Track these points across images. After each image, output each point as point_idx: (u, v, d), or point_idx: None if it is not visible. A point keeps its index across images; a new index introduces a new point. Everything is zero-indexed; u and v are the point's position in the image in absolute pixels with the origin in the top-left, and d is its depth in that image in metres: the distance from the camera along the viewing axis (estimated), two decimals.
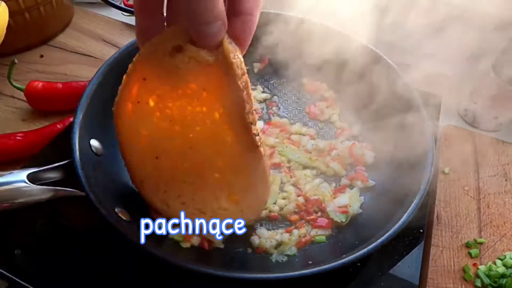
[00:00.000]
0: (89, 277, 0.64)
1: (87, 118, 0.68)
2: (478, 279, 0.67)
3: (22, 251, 0.65)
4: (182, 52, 0.47)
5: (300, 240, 0.67)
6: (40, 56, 1.06)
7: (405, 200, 0.62)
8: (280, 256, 0.65)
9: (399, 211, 0.61)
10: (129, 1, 1.18)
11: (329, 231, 0.69)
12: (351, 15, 0.83)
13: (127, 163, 0.61)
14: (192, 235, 0.65)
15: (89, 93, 0.70)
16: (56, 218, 0.69)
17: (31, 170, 0.61)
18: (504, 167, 0.83)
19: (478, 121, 0.98)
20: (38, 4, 1.02)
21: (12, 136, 0.81)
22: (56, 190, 0.60)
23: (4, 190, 0.58)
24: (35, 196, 0.59)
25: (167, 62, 0.48)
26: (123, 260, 0.66)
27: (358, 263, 0.65)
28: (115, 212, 0.60)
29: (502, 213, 0.76)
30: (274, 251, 0.66)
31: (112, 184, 0.66)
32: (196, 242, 0.65)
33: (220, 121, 0.53)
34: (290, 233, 0.68)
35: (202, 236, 0.65)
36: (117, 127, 0.57)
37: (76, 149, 0.62)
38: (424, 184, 0.63)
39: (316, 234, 0.68)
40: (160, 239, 0.64)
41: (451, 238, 0.72)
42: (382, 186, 0.74)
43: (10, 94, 0.96)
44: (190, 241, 0.65)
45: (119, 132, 0.58)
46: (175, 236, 0.65)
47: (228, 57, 0.46)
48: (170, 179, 0.61)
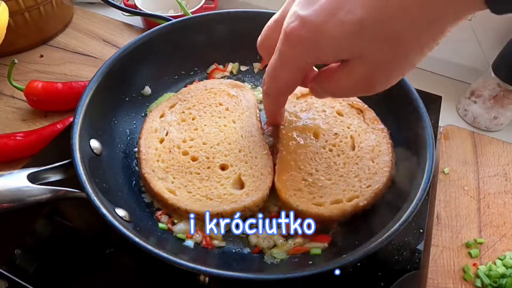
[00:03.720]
0: (89, 277, 0.64)
1: (86, 119, 0.68)
2: (478, 279, 0.67)
3: (22, 251, 0.65)
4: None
5: (294, 247, 0.65)
6: (40, 56, 1.07)
7: (405, 199, 0.62)
8: (270, 258, 0.64)
9: (399, 212, 0.61)
10: (129, 1, 1.18)
11: (325, 244, 0.66)
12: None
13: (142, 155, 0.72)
14: (195, 233, 0.66)
15: (89, 93, 0.70)
16: (56, 218, 0.69)
17: (31, 170, 0.61)
18: (504, 167, 0.83)
19: (478, 121, 0.98)
20: (38, 4, 1.02)
21: (12, 136, 0.81)
22: (57, 190, 0.60)
23: (5, 191, 0.58)
24: (36, 196, 0.59)
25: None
26: (122, 260, 0.66)
27: (358, 263, 0.66)
28: (115, 212, 0.60)
29: (502, 213, 0.76)
30: (268, 251, 0.65)
31: (112, 184, 0.66)
32: (198, 239, 0.65)
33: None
34: (284, 239, 0.66)
35: (204, 234, 0.66)
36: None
37: (76, 149, 0.62)
38: (423, 184, 0.63)
39: (312, 247, 0.65)
40: (161, 238, 0.64)
41: (451, 238, 0.72)
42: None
43: (10, 94, 0.96)
44: (193, 238, 0.65)
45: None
46: (178, 234, 0.65)
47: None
48: (178, 170, 0.70)
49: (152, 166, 0.70)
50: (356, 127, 0.77)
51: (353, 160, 0.73)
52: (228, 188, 0.68)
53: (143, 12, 1.10)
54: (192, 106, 0.80)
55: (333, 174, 0.71)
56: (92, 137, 0.68)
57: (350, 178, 0.70)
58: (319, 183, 0.69)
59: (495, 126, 0.97)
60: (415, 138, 0.70)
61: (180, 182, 0.69)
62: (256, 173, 0.70)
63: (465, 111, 1.00)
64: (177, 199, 0.66)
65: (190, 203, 0.66)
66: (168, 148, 0.73)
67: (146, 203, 0.70)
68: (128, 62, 0.79)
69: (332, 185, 0.69)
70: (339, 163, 0.72)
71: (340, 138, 0.75)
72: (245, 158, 0.72)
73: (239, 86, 0.85)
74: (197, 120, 0.78)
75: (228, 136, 0.75)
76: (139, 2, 1.12)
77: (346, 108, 0.81)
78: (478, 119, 0.97)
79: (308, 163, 0.72)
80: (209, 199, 0.67)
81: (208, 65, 0.93)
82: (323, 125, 0.77)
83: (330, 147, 0.74)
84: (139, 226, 0.61)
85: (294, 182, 0.69)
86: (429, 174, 0.63)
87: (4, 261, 0.64)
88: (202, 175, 0.70)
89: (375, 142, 0.74)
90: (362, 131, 0.77)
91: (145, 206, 0.69)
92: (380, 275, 0.65)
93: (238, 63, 0.94)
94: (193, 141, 0.74)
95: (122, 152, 0.75)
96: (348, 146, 0.75)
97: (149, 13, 1.09)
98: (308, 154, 0.73)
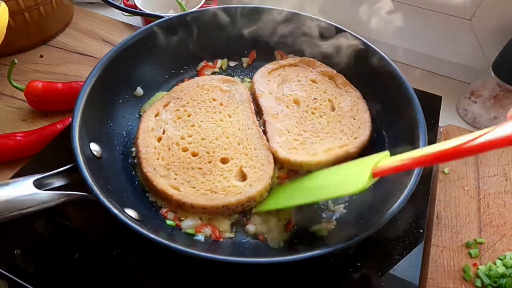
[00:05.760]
0: (89, 277, 0.64)
1: (84, 122, 0.68)
2: (478, 279, 0.67)
3: (22, 251, 0.65)
4: None
5: (288, 223, 0.68)
6: (40, 56, 1.07)
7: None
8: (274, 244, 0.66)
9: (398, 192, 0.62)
10: (129, 1, 1.18)
11: (331, 226, 0.68)
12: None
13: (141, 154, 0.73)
14: (203, 227, 0.67)
15: (84, 97, 0.70)
16: (56, 218, 0.69)
17: (36, 177, 0.60)
18: (504, 167, 0.83)
19: (478, 121, 0.98)
20: (38, 4, 1.02)
21: (12, 136, 0.81)
22: (65, 195, 0.60)
23: (13, 199, 0.57)
24: (45, 203, 0.58)
25: None
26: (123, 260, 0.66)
27: (358, 263, 0.66)
28: (125, 212, 0.60)
29: (502, 213, 0.76)
30: (269, 236, 0.67)
31: (116, 186, 0.67)
32: (208, 233, 0.66)
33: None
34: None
35: (213, 226, 0.67)
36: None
37: (78, 152, 0.62)
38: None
39: (317, 229, 0.68)
40: (171, 234, 0.65)
41: (451, 238, 0.72)
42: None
43: (10, 94, 0.96)
44: (202, 232, 0.66)
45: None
46: (188, 229, 0.66)
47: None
48: (180, 166, 0.71)
49: (153, 165, 0.71)
50: (332, 91, 0.86)
51: (335, 118, 0.81)
52: (231, 180, 0.70)
53: (143, 12, 1.10)
54: (186, 103, 0.82)
55: (320, 132, 0.79)
56: (91, 141, 0.68)
57: (336, 133, 0.79)
58: (310, 141, 0.76)
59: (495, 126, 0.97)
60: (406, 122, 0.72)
61: (183, 178, 0.70)
62: (257, 164, 0.72)
63: (465, 111, 1.00)
64: (182, 195, 0.67)
65: (195, 198, 0.67)
66: (167, 146, 0.74)
67: (152, 202, 0.70)
68: (119, 64, 0.80)
69: (321, 141, 0.77)
70: (323, 122, 0.81)
71: (320, 102, 0.84)
72: (244, 150, 0.74)
73: (230, 81, 0.87)
74: (193, 117, 0.79)
75: (226, 130, 0.77)
76: (139, 2, 1.12)
77: (318, 76, 0.89)
78: (478, 119, 0.97)
79: (295, 126, 0.79)
80: (214, 192, 0.68)
81: (198, 62, 0.94)
82: (301, 93, 0.85)
83: (312, 110, 0.82)
84: (149, 224, 0.61)
85: (287, 143, 0.76)
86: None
87: (4, 261, 0.64)
88: (204, 170, 0.71)
89: (352, 103, 0.83)
90: (337, 94, 0.85)
91: (151, 205, 0.70)
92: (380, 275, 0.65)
93: (227, 59, 0.95)
94: (191, 137, 0.76)
95: (121, 154, 0.75)
96: (328, 108, 0.83)
97: (149, 13, 1.09)
98: (293, 119, 0.80)
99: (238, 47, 0.93)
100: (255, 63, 0.95)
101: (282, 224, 0.69)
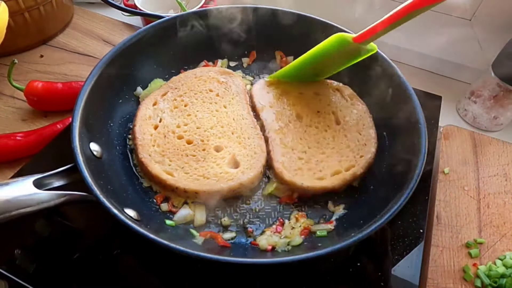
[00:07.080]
0: (89, 277, 0.64)
1: (84, 122, 0.68)
2: (478, 279, 0.67)
3: (22, 251, 0.65)
4: None
5: (303, 229, 0.68)
6: (40, 56, 1.07)
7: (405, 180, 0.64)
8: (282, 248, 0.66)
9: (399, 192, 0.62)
10: (129, 1, 1.18)
11: (330, 227, 0.68)
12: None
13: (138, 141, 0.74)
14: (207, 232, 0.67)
15: (83, 97, 0.70)
16: (56, 218, 0.69)
17: (36, 177, 0.60)
18: (504, 167, 0.83)
19: (478, 121, 0.98)
20: (38, 4, 1.02)
21: (12, 136, 0.81)
22: (65, 195, 0.60)
23: (13, 199, 0.57)
24: (45, 202, 0.58)
25: None
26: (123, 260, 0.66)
27: (358, 263, 0.66)
28: (125, 212, 0.60)
29: (502, 213, 0.76)
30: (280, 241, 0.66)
31: (116, 186, 0.67)
32: (209, 235, 0.66)
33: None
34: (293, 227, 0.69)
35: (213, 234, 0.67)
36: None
37: (78, 152, 0.62)
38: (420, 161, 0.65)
39: (317, 229, 0.68)
40: (171, 235, 0.65)
41: (451, 238, 0.72)
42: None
43: (10, 94, 0.96)
44: (205, 236, 0.66)
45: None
46: (192, 230, 0.67)
47: None
48: (174, 153, 0.73)
49: (148, 151, 0.73)
50: (336, 103, 0.83)
51: (341, 133, 0.78)
52: (224, 167, 0.72)
53: (143, 12, 1.10)
54: (184, 93, 0.83)
55: (325, 148, 0.76)
56: (91, 141, 0.69)
57: (342, 149, 0.75)
58: (315, 159, 0.74)
59: (495, 126, 0.97)
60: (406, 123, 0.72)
61: (177, 164, 0.72)
62: (250, 153, 0.74)
63: (465, 111, 1.00)
64: (175, 180, 0.69)
65: (188, 183, 0.69)
66: (163, 134, 0.76)
67: (152, 201, 0.70)
68: (119, 64, 0.80)
69: (327, 158, 0.74)
70: (328, 137, 0.77)
71: (323, 115, 0.81)
72: (238, 139, 0.76)
73: (228, 73, 0.88)
74: (189, 107, 0.81)
75: (221, 120, 0.79)
76: (139, 2, 1.12)
77: (321, 88, 0.86)
78: (478, 119, 0.97)
79: (299, 143, 0.77)
80: (206, 178, 0.70)
81: (198, 62, 0.94)
82: (303, 106, 0.82)
83: (315, 124, 0.80)
84: (149, 224, 0.61)
85: (292, 162, 0.73)
86: (423, 154, 0.66)
87: (4, 261, 0.64)
88: (198, 157, 0.73)
89: (358, 116, 0.80)
90: (342, 106, 0.82)
91: (151, 206, 0.70)
92: (380, 275, 0.65)
93: (227, 59, 0.95)
94: (187, 126, 0.77)
95: (121, 154, 0.75)
96: (332, 121, 0.80)
97: (149, 13, 1.09)
98: (296, 135, 0.78)
99: (238, 47, 0.93)
100: (255, 63, 0.95)
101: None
